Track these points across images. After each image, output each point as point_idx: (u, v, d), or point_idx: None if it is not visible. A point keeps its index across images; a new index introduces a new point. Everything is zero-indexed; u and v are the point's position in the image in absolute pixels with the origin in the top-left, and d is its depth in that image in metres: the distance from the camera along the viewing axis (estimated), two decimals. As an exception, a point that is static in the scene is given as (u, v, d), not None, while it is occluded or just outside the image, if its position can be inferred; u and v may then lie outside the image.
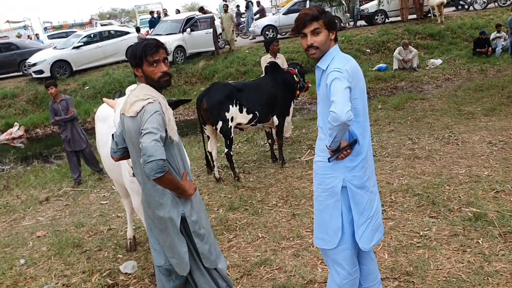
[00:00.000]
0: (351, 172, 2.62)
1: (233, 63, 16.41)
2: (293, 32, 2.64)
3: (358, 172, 2.63)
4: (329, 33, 2.59)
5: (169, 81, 2.66)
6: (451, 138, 6.87)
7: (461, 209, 4.49)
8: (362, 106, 2.60)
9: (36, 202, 6.79)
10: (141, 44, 2.59)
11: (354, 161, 2.62)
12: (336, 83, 2.44)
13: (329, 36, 2.59)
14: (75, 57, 17.04)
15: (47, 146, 12.72)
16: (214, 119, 6.08)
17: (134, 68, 2.63)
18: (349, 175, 2.62)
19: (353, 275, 2.79)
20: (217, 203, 5.60)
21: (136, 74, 2.66)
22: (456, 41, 16.32)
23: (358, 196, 2.64)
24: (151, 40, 2.63)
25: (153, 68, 2.59)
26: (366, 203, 2.67)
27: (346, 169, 2.62)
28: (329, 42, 2.61)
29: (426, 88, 12.60)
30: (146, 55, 2.55)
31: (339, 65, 2.51)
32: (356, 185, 2.64)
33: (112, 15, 62.21)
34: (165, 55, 2.63)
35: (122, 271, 4.20)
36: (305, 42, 2.59)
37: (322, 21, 2.55)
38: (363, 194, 2.66)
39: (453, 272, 3.48)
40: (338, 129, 2.41)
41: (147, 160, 2.38)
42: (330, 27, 2.59)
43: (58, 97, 7.23)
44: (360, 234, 2.69)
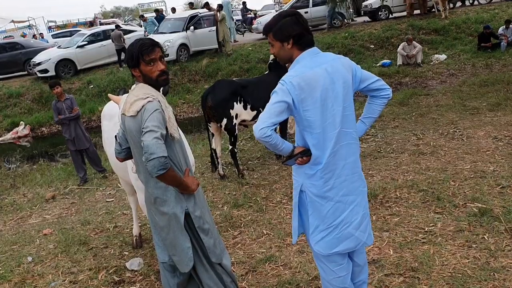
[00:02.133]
0: (309, 180, 2.59)
1: (237, 60, 16.41)
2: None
3: (317, 181, 2.58)
4: (282, 44, 2.53)
5: (167, 79, 2.70)
6: (456, 134, 6.85)
7: (466, 205, 4.48)
8: (319, 117, 2.47)
9: (42, 200, 6.84)
10: (137, 44, 2.62)
11: (312, 169, 2.57)
12: (272, 96, 2.45)
13: (284, 47, 2.53)
14: (79, 56, 17.11)
15: (52, 144, 12.79)
16: (219, 116, 6.09)
17: (132, 68, 2.66)
18: (307, 182, 2.60)
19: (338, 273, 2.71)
20: (221, 200, 5.62)
21: (133, 74, 2.69)
22: (461, 36, 16.23)
23: (316, 203, 2.60)
24: (146, 39, 2.66)
25: (150, 67, 2.61)
26: (328, 211, 2.60)
27: (305, 176, 2.61)
28: (288, 51, 2.54)
29: (430, 83, 12.57)
30: (142, 55, 2.58)
31: (287, 75, 2.48)
32: (314, 193, 2.60)
33: (115, 13, 62.30)
34: (161, 53, 2.66)
35: (128, 268, 4.23)
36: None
37: (271, 34, 2.54)
38: (323, 203, 2.59)
39: (459, 268, 3.48)
40: (263, 143, 2.45)
41: (149, 158, 2.40)
42: (281, 38, 2.52)
43: (62, 96, 7.27)
44: (318, 239, 2.64)
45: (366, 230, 2.70)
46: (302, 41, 2.51)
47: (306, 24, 2.55)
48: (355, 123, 2.66)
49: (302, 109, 2.45)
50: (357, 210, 2.65)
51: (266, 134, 2.39)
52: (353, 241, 2.66)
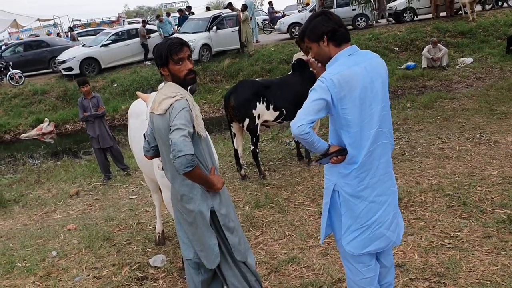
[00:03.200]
0: (344, 179, 2.58)
1: (259, 61, 16.40)
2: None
3: (351, 180, 2.56)
4: (319, 43, 2.52)
5: (194, 78, 2.72)
6: (483, 138, 6.72)
7: (494, 211, 4.39)
8: (357, 116, 2.46)
9: (66, 196, 6.93)
10: (166, 43, 2.65)
11: (347, 168, 2.56)
12: (311, 93, 2.44)
13: (321, 46, 2.53)
14: (103, 54, 17.34)
15: (76, 141, 12.98)
16: (241, 116, 6.09)
17: (160, 67, 2.69)
18: (341, 181, 2.59)
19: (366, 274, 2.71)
20: (242, 200, 5.62)
21: (162, 73, 2.71)
22: (489, 39, 15.90)
23: (350, 203, 2.59)
24: (175, 39, 2.69)
25: (178, 66, 2.64)
26: (362, 211, 2.59)
27: (339, 175, 2.59)
28: (325, 50, 2.53)
29: (456, 87, 12.35)
30: (171, 54, 2.61)
31: (327, 73, 2.46)
32: (348, 193, 2.58)
33: (138, 13, 63.00)
34: (189, 52, 2.68)
35: (151, 265, 4.26)
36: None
37: (306, 39, 2.56)
38: (357, 202, 2.58)
39: (487, 275, 3.40)
40: (299, 139, 2.45)
41: (176, 155, 2.43)
42: (315, 39, 2.52)
43: (89, 94, 7.36)
44: (350, 239, 2.63)
45: (395, 230, 2.70)
46: (337, 37, 2.50)
47: (338, 19, 2.54)
48: (391, 123, 2.64)
49: (340, 108, 2.44)
50: (389, 210, 2.64)
51: (304, 132, 2.38)
52: (384, 241, 2.66)
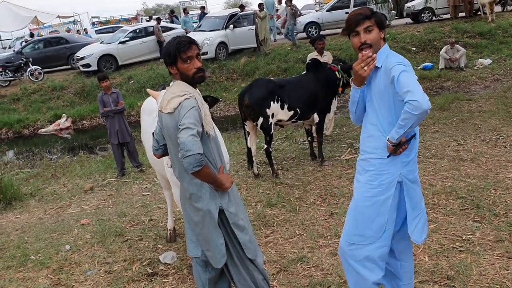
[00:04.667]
0: (406, 167, 2.65)
1: (275, 60, 16.39)
2: (345, 32, 2.68)
3: (412, 166, 2.68)
4: (380, 32, 2.61)
5: (203, 77, 2.72)
6: (499, 141, 6.63)
7: (507, 214, 4.34)
8: None
9: (81, 191, 7.03)
10: (174, 42, 2.65)
11: (408, 155, 2.64)
12: (406, 74, 2.47)
13: (380, 35, 2.61)
14: (121, 51, 17.47)
15: (92, 137, 13.12)
16: (255, 115, 6.10)
17: (169, 66, 2.70)
18: (404, 170, 2.65)
19: (384, 272, 2.81)
20: (255, 198, 5.63)
21: (170, 71, 2.72)
22: (508, 40, 15.65)
23: (411, 190, 2.68)
24: (183, 37, 2.69)
25: (187, 65, 2.64)
26: (418, 197, 2.73)
27: (402, 164, 2.64)
28: (380, 40, 2.63)
29: (473, 88, 12.20)
30: (180, 53, 2.61)
31: (399, 59, 2.56)
32: (410, 180, 2.68)
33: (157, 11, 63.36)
34: (197, 51, 2.68)
35: (161, 261, 4.30)
36: (358, 40, 2.60)
37: (374, 19, 2.58)
38: (416, 188, 2.71)
39: (497, 279, 3.37)
40: (417, 118, 2.43)
41: (185, 155, 2.44)
42: (381, 26, 2.62)
43: (109, 90, 7.46)
44: (413, 228, 2.72)
45: None
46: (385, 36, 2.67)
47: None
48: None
49: None
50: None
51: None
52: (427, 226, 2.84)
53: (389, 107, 2.59)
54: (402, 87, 2.44)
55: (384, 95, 2.59)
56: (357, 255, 2.77)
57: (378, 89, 2.62)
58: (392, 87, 2.52)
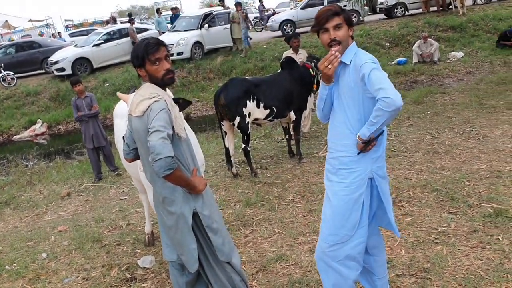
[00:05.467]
0: (375, 163, 2.68)
1: (251, 58, 16.39)
2: (315, 28, 2.67)
3: (381, 162, 2.71)
4: (349, 29, 2.63)
5: (173, 78, 2.69)
6: (472, 133, 6.75)
7: (481, 205, 4.42)
8: None
9: (58, 197, 6.93)
10: (142, 44, 2.62)
11: (377, 151, 2.67)
12: (376, 72, 2.48)
13: (349, 32, 2.63)
14: (95, 54, 17.27)
15: (69, 142, 12.94)
16: (232, 114, 6.09)
17: (137, 68, 2.67)
18: (374, 166, 2.68)
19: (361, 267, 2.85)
20: (234, 198, 5.63)
21: (139, 74, 2.69)
22: (479, 33, 15.96)
23: (383, 185, 2.72)
24: (151, 39, 2.66)
25: (156, 67, 2.61)
26: (388, 192, 2.78)
27: (372, 161, 2.67)
28: (349, 38, 2.64)
29: (446, 81, 12.40)
30: (148, 54, 2.58)
31: (369, 57, 2.58)
32: (380, 176, 2.71)
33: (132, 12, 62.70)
34: (166, 52, 2.65)
35: (140, 266, 4.26)
36: (328, 37, 2.60)
37: (343, 16, 2.60)
38: (385, 183, 2.75)
39: (472, 269, 3.43)
40: (389, 115, 2.44)
41: (155, 158, 2.40)
42: (349, 23, 2.64)
43: (82, 94, 7.35)
44: (391, 221, 2.80)
45: None
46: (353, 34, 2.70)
47: None
48: None
49: None
50: None
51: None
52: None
53: (358, 105, 2.60)
54: (374, 84, 2.45)
55: (353, 92, 2.60)
56: (338, 255, 2.77)
57: (347, 86, 2.62)
58: (362, 85, 2.53)
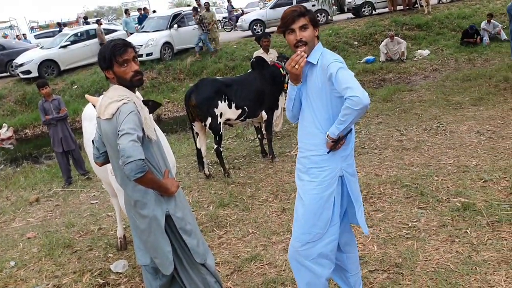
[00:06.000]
0: (345, 161, 2.71)
1: (222, 58, 16.35)
2: (280, 29, 2.69)
3: (350, 160, 2.75)
4: (314, 30, 2.65)
5: (141, 80, 2.66)
6: (439, 129, 6.91)
7: (449, 200, 4.53)
8: None
9: (26, 204, 6.75)
10: (109, 45, 2.58)
11: (346, 150, 2.70)
12: (343, 71, 2.51)
13: (314, 33, 2.66)
14: (62, 56, 16.93)
15: (36, 146, 12.65)
16: (203, 115, 6.06)
17: (105, 70, 2.62)
18: (344, 164, 2.71)
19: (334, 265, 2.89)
20: (207, 200, 5.60)
21: (107, 76, 2.65)
22: (444, 32, 16.35)
23: (352, 183, 2.76)
24: (118, 40, 2.63)
25: (124, 68, 2.58)
26: (358, 190, 2.83)
27: (341, 159, 2.70)
28: (314, 38, 2.67)
29: (414, 79, 12.65)
30: (115, 56, 2.54)
31: (335, 57, 2.61)
32: (350, 173, 2.75)
33: (99, 13, 61.70)
34: (134, 53, 2.62)
35: (113, 270, 4.19)
36: (294, 38, 2.62)
37: (308, 17, 2.62)
38: (355, 181, 2.79)
39: (442, 263, 3.51)
40: (357, 113, 2.47)
41: (126, 161, 2.36)
42: (315, 23, 2.66)
43: (50, 97, 7.20)
44: (359, 218, 2.83)
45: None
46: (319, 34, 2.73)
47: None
48: None
49: None
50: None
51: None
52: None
53: (326, 104, 2.63)
54: (341, 84, 2.48)
55: (321, 92, 2.62)
56: (310, 254, 2.79)
57: (315, 86, 2.65)
58: (330, 84, 2.56)
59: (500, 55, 12.80)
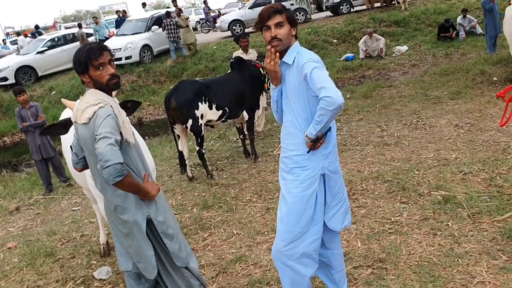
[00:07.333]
0: (326, 159, 2.73)
1: (202, 59, 16.29)
2: (257, 26, 2.71)
3: (332, 158, 2.76)
4: (291, 28, 2.66)
5: (118, 83, 2.64)
6: (419, 123, 6.98)
7: (430, 193, 4.58)
8: None
9: (6, 213, 6.62)
10: (84, 49, 2.55)
11: (327, 148, 2.71)
12: (318, 71, 2.52)
13: (291, 31, 2.66)
14: (39, 62, 16.67)
15: (15, 154, 12.43)
16: (184, 117, 6.02)
17: (80, 74, 2.59)
18: (326, 163, 2.73)
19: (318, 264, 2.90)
20: (191, 202, 5.57)
21: (83, 80, 2.62)
22: (421, 27, 16.54)
23: (332, 180, 2.77)
24: (94, 44, 2.61)
25: (100, 72, 2.55)
26: (339, 186, 2.83)
27: (322, 157, 2.71)
28: (291, 37, 2.68)
29: (393, 75, 12.78)
30: (90, 60, 2.52)
31: (311, 56, 2.61)
32: (332, 171, 2.76)
33: (76, 17, 60.97)
34: (110, 57, 2.59)
35: (96, 278, 4.14)
36: (269, 34, 2.63)
37: (285, 15, 2.63)
38: (337, 178, 2.80)
39: (425, 256, 3.54)
40: (332, 114, 2.48)
41: (104, 166, 2.33)
42: (292, 22, 2.67)
43: (27, 104, 7.07)
44: (331, 216, 2.83)
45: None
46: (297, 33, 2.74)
47: None
48: None
49: None
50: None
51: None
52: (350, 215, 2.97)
53: (303, 104, 2.64)
54: (316, 83, 2.49)
55: (298, 91, 2.64)
56: (294, 254, 2.79)
57: (292, 86, 2.67)
58: (306, 84, 2.57)
59: (476, 49, 13.01)
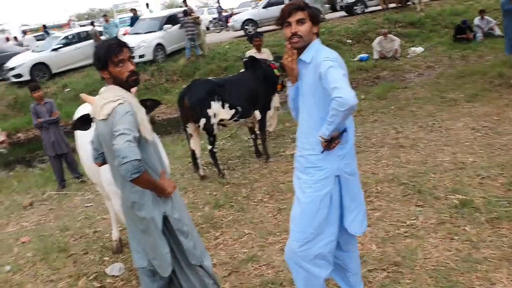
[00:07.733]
0: (342, 161, 2.67)
1: (214, 59, 16.28)
2: (278, 22, 2.68)
3: (349, 159, 2.70)
4: (312, 26, 2.63)
5: (137, 80, 2.64)
6: (435, 126, 6.89)
7: (447, 197, 4.50)
8: None
9: (20, 208, 6.69)
10: (104, 45, 2.56)
11: (343, 148, 2.66)
12: (333, 70, 2.48)
13: (312, 29, 2.63)
14: (54, 59, 16.77)
15: (29, 150, 12.54)
16: (197, 116, 6.01)
17: (100, 70, 2.59)
18: (341, 164, 2.67)
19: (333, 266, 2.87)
20: (202, 201, 5.55)
21: (103, 76, 2.62)
22: (437, 28, 16.39)
23: (350, 182, 2.71)
24: (113, 40, 2.61)
25: (119, 68, 2.55)
26: (357, 189, 2.77)
27: (338, 158, 2.66)
28: (312, 34, 2.64)
29: (408, 76, 12.64)
30: (110, 56, 2.52)
31: (328, 55, 2.57)
32: (348, 173, 2.70)
33: (90, 15, 61.44)
34: (129, 53, 2.59)
35: (108, 274, 4.15)
36: (289, 31, 2.61)
37: (307, 12, 2.60)
38: (354, 180, 2.74)
39: (441, 261, 3.48)
40: (344, 114, 2.44)
41: (122, 162, 2.33)
42: (314, 20, 2.64)
43: (42, 100, 7.15)
44: (351, 220, 2.77)
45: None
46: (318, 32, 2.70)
47: None
48: None
49: None
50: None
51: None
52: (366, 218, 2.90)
53: (319, 103, 2.60)
54: (329, 83, 2.45)
55: (314, 90, 2.60)
56: (308, 255, 2.75)
57: (308, 84, 2.64)
58: (321, 83, 2.53)
59: (494, 51, 12.78)
